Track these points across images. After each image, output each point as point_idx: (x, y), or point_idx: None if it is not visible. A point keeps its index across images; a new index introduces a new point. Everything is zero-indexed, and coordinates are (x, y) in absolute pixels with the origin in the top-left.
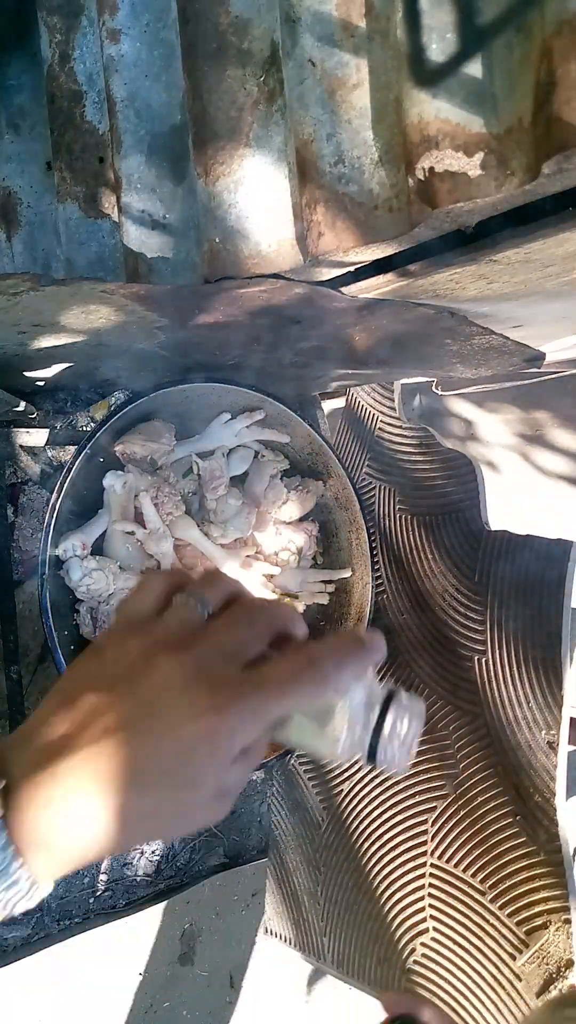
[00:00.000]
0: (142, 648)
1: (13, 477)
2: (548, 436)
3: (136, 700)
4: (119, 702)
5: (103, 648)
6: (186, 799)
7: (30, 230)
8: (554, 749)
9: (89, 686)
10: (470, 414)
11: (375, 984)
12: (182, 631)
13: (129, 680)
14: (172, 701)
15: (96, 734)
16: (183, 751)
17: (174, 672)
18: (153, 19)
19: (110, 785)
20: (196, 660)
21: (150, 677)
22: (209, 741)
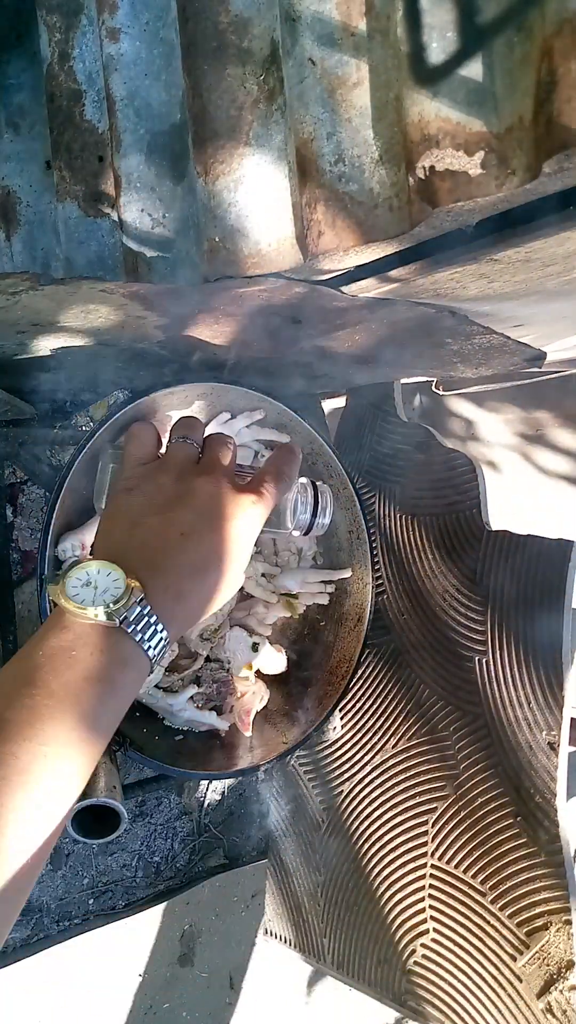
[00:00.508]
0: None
1: (13, 477)
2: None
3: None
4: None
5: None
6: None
7: (29, 229)
8: (555, 750)
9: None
10: (471, 414)
11: (375, 985)
12: (190, 462)
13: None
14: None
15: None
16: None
17: (212, 486)
18: (153, 18)
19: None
20: (220, 476)
21: (195, 493)
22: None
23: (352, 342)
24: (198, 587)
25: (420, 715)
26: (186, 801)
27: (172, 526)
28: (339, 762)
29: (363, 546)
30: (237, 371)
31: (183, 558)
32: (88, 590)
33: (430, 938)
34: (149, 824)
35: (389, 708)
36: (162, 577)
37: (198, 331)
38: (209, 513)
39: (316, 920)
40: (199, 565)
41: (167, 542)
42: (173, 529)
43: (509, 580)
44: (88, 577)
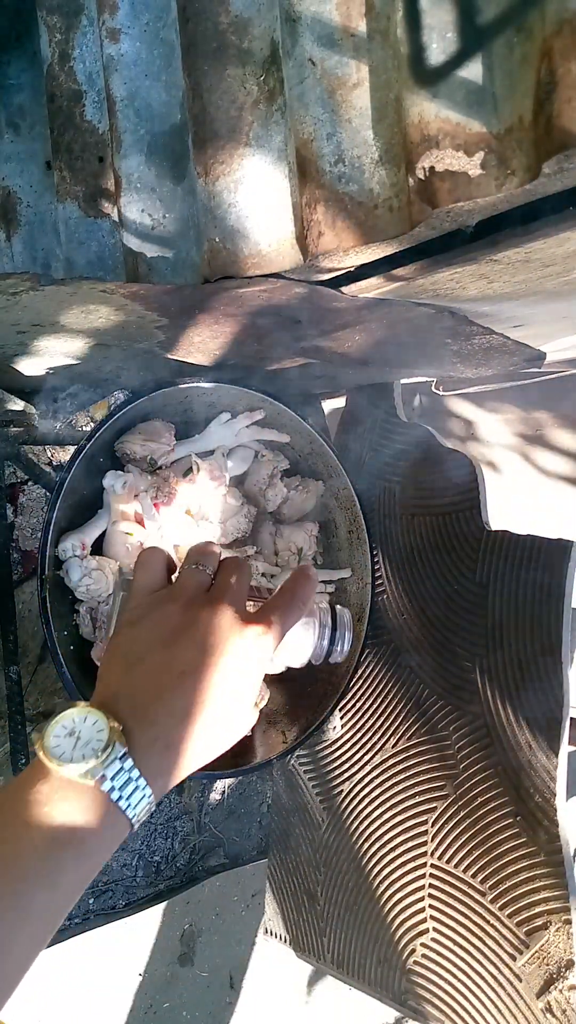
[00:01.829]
0: (180, 608)
1: (13, 477)
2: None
3: (197, 646)
4: (182, 651)
5: (143, 618)
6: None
7: (29, 229)
8: (555, 750)
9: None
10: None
11: (375, 985)
12: (201, 591)
13: (183, 633)
14: (227, 638)
15: (174, 679)
16: (245, 672)
17: (218, 618)
18: (153, 18)
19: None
20: (228, 607)
21: (200, 626)
22: (261, 659)
23: (352, 342)
24: (193, 734)
25: (420, 715)
26: (186, 800)
27: (172, 664)
28: (339, 762)
29: (363, 546)
30: (237, 371)
31: (178, 703)
32: (70, 741)
33: (430, 937)
34: (149, 823)
35: (389, 708)
36: (152, 726)
37: (198, 331)
38: (212, 648)
39: (316, 919)
40: (196, 710)
41: (163, 684)
42: (173, 668)
43: (509, 580)
44: (72, 725)
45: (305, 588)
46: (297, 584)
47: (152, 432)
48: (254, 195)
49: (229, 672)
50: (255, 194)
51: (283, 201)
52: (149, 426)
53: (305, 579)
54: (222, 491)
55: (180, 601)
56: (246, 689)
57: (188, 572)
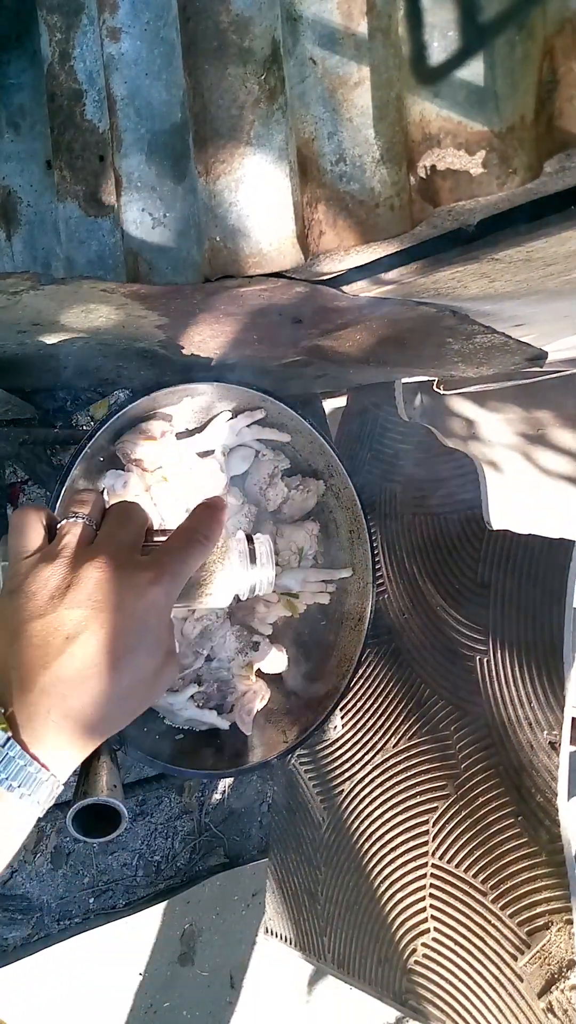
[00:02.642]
0: (59, 568)
1: (13, 477)
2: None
3: (81, 605)
4: (66, 613)
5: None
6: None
7: (30, 229)
8: (556, 749)
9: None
10: (471, 413)
11: (376, 984)
12: (82, 545)
13: (64, 595)
14: (113, 590)
15: (59, 645)
16: (141, 624)
17: (100, 571)
18: (153, 17)
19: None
20: (111, 557)
21: (81, 584)
22: (157, 607)
23: (353, 341)
24: (92, 699)
25: (421, 715)
26: (186, 800)
27: (54, 629)
28: (339, 761)
29: (363, 546)
30: (238, 371)
31: (68, 667)
32: None
33: (431, 937)
34: (150, 823)
35: (390, 707)
36: (42, 698)
37: (199, 330)
38: (97, 604)
39: (317, 919)
40: (90, 672)
41: (48, 651)
42: (56, 633)
43: (509, 580)
44: None
45: (207, 522)
46: (197, 519)
47: (152, 432)
48: (255, 194)
49: (120, 626)
50: (256, 193)
51: (284, 200)
52: (149, 426)
53: (207, 512)
54: (222, 491)
55: (59, 560)
56: (145, 641)
57: (66, 526)
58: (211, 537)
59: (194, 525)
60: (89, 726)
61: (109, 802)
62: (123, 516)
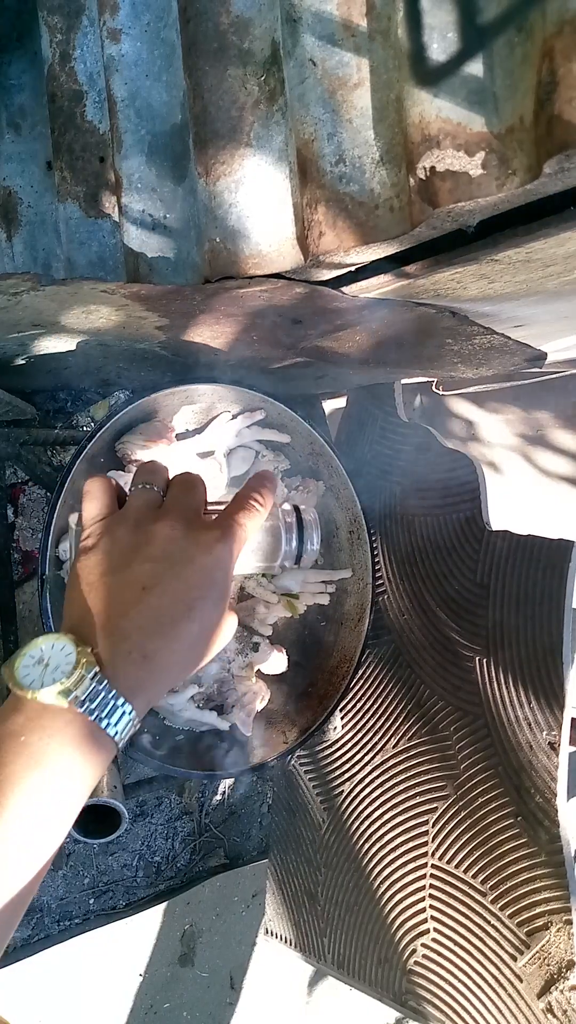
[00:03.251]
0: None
1: (13, 477)
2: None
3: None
4: (140, 567)
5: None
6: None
7: (30, 230)
8: (555, 750)
9: (107, 568)
10: (471, 414)
11: (376, 985)
12: (151, 509)
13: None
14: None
15: (136, 596)
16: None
17: (171, 530)
18: (154, 19)
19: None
20: (180, 518)
21: (154, 541)
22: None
23: (353, 342)
24: (168, 644)
25: (420, 715)
26: (186, 801)
27: (131, 581)
28: (339, 762)
29: (363, 546)
30: (238, 371)
31: (146, 615)
32: (38, 668)
33: (430, 938)
34: (150, 824)
35: (389, 708)
36: (123, 642)
37: (199, 331)
38: (169, 559)
39: (316, 920)
40: (165, 619)
41: (126, 600)
42: (132, 585)
43: (509, 580)
44: (40, 654)
45: (262, 490)
46: (253, 487)
47: (152, 432)
48: (255, 195)
49: (191, 579)
50: (256, 194)
51: (284, 201)
52: (149, 426)
53: (261, 481)
54: (222, 491)
55: (130, 521)
56: (213, 594)
57: (136, 493)
58: (265, 504)
59: (250, 494)
60: (165, 668)
61: (109, 803)
62: (187, 484)
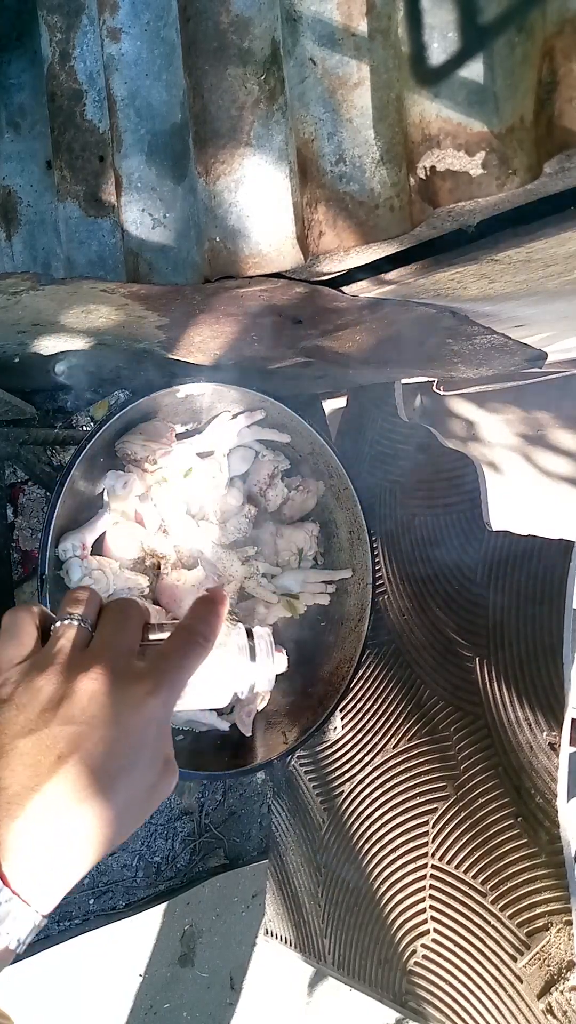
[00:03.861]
0: (52, 678)
1: (13, 477)
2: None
3: (75, 721)
4: (58, 730)
5: (10, 698)
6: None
7: (30, 229)
8: (555, 750)
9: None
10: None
11: (376, 985)
12: (76, 650)
13: (56, 709)
14: (108, 705)
15: (51, 765)
16: (137, 739)
17: (96, 683)
18: (154, 18)
19: (84, 802)
20: (106, 667)
21: (75, 697)
22: (155, 720)
23: (353, 342)
24: (80, 824)
25: (420, 715)
26: (187, 801)
27: (47, 747)
28: (339, 762)
29: (363, 546)
30: (238, 371)
31: (56, 790)
32: None
33: (431, 938)
34: (149, 824)
35: (389, 708)
36: (27, 823)
37: (199, 331)
38: (91, 721)
39: (316, 920)
40: (83, 794)
41: (40, 773)
42: (48, 751)
43: (509, 580)
44: None
45: (207, 620)
46: (195, 617)
47: (152, 432)
48: (255, 195)
49: (116, 744)
50: (256, 194)
51: (284, 201)
52: (149, 426)
53: (205, 608)
54: (222, 491)
55: (52, 668)
56: (143, 757)
57: (60, 629)
58: (210, 637)
59: (193, 624)
60: (80, 853)
61: None
62: (120, 617)
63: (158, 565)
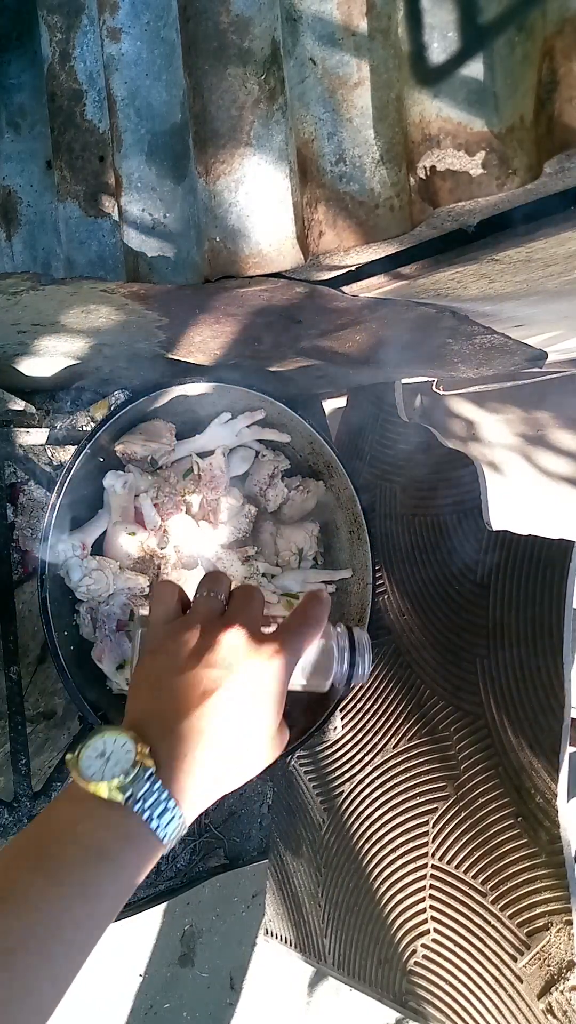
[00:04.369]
0: (196, 633)
1: (13, 477)
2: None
3: (216, 665)
4: (202, 672)
5: (161, 647)
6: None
7: (30, 229)
8: (555, 750)
9: (171, 670)
10: (471, 414)
11: (376, 985)
12: (215, 615)
13: (201, 656)
14: (244, 656)
15: (197, 699)
16: (265, 687)
17: (234, 639)
18: (154, 18)
19: (223, 730)
20: (242, 628)
21: (217, 648)
22: (279, 676)
23: (353, 342)
24: (220, 754)
25: (421, 715)
26: None
27: (193, 685)
28: (339, 762)
29: (363, 546)
30: (238, 371)
31: (204, 720)
32: (100, 762)
33: (431, 938)
34: None
35: (390, 708)
36: (180, 745)
37: (199, 331)
38: (231, 667)
39: (317, 920)
40: (222, 727)
41: (188, 704)
42: (194, 688)
43: (509, 580)
44: (103, 747)
45: (317, 609)
46: (309, 605)
47: (152, 432)
48: (255, 195)
49: (250, 688)
50: (256, 194)
51: (284, 201)
52: (149, 426)
53: (317, 600)
54: (222, 492)
55: (195, 627)
56: (269, 705)
57: (201, 599)
58: (321, 621)
59: (307, 609)
60: (218, 778)
61: None
62: (249, 596)
63: (158, 567)
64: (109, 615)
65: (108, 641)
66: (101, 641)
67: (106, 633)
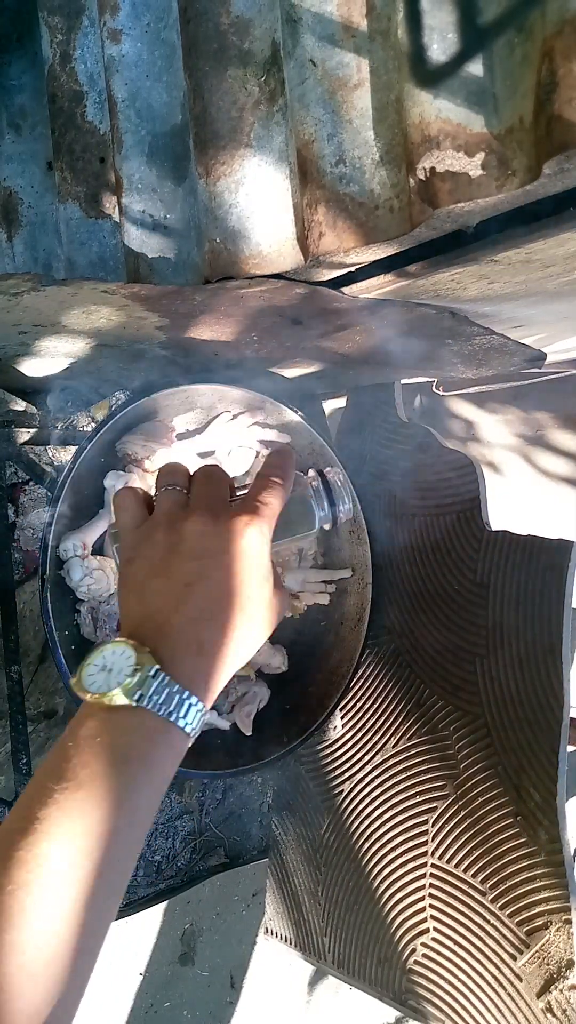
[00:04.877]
0: (164, 531)
1: (13, 477)
2: (549, 436)
3: (191, 556)
4: (181, 566)
5: (136, 554)
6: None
7: (31, 230)
8: (555, 750)
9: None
10: (471, 414)
11: (376, 984)
12: (178, 507)
13: (173, 551)
14: (216, 538)
15: (183, 592)
16: (245, 561)
17: (202, 525)
18: (154, 19)
19: (217, 614)
20: (207, 511)
21: (188, 539)
22: (256, 545)
23: (353, 343)
24: (220, 632)
25: (420, 715)
26: (187, 800)
27: (175, 580)
28: (339, 762)
29: (363, 546)
30: (238, 371)
31: (194, 609)
32: (103, 675)
33: (430, 937)
34: None
35: (389, 708)
36: (177, 637)
37: (199, 332)
38: (206, 552)
39: (317, 919)
40: (213, 609)
41: (174, 599)
42: (176, 583)
43: (509, 580)
44: (104, 661)
45: (280, 466)
46: (271, 465)
47: (152, 432)
48: (255, 196)
49: (231, 566)
50: (256, 195)
51: (284, 202)
52: (149, 426)
53: (279, 456)
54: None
55: (162, 524)
56: (255, 576)
57: (162, 495)
58: (286, 479)
59: (268, 471)
60: (222, 656)
61: None
62: (209, 477)
63: None
64: (110, 615)
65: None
66: (102, 640)
67: (107, 633)
